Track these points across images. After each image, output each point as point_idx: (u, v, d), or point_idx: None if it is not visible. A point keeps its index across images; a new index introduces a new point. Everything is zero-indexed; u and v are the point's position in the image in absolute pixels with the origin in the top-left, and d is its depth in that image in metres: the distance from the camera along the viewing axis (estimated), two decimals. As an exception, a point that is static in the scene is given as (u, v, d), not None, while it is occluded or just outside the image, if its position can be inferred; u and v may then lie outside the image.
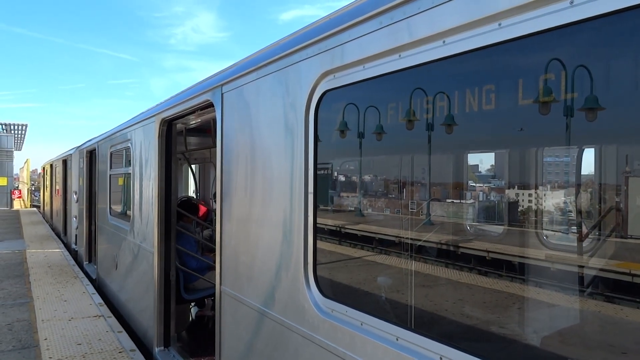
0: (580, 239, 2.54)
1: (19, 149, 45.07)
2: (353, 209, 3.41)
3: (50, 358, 5.68)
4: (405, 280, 2.91)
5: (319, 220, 2.89)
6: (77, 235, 13.63)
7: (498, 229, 3.10)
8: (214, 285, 4.24)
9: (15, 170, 42.52)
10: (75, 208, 13.54)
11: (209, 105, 4.46)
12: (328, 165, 3.10)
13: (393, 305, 2.82)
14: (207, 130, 7.47)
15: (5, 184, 35.43)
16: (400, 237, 3.12)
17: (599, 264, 2.51)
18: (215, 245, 4.12)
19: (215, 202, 4.82)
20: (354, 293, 3.09)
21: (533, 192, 2.72)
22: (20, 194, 39.83)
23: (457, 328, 2.61)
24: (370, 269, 3.39)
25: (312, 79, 2.82)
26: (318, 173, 2.86)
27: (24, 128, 38.97)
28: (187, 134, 7.82)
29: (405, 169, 3.04)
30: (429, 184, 2.93)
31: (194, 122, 6.36)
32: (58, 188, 19.35)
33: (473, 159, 2.99)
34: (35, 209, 33.41)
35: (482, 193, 3.09)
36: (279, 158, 3.16)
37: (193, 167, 10.37)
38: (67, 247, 15.38)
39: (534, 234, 2.82)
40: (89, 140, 11.84)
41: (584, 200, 2.54)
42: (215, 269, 4.11)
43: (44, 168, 27.85)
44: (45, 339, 6.33)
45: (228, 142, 3.96)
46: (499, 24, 1.85)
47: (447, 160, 3.01)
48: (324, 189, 3.03)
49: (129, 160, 7.16)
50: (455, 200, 3.16)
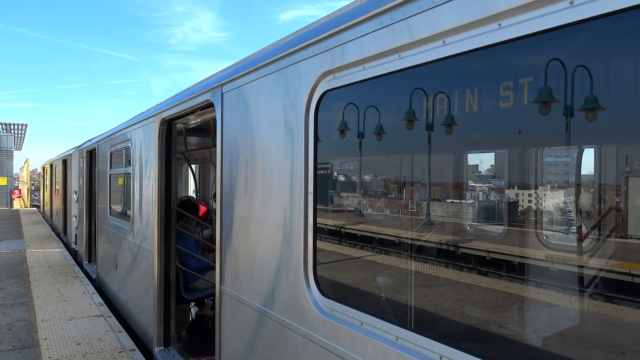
0: (580, 239, 2.54)
1: (19, 149, 45.08)
2: (353, 209, 3.41)
3: (50, 358, 5.68)
4: (405, 280, 2.91)
5: (319, 220, 2.89)
6: (77, 235, 13.64)
7: (498, 229, 3.10)
8: (214, 285, 4.24)
9: (15, 170, 42.51)
10: (75, 208, 13.54)
11: (209, 105, 4.46)
12: (328, 165, 3.10)
13: (393, 305, 2.82)
14: (207, 130, 7.48)
15: (5, 184, 35.42)
16: (400, 237, 3.11)
17: (599, 264, 2.51)
18: (215, 245, 4.12)
19: (215, 202, 4.82)
20: (354, 293, 3.09)
21: (533, 192, 2.72)
22: (20, 194, 39.82)
23: (457, 328, 2.61)
24: (370, 269, 3.39)
25: (312, 79, 2.82)
26: (318, 173, 2.86)
27: (24, 128, 38.97)
28: (187, 134, 7.82)
29: (405, 169, 3.04)
30: (429, 184, 2.93)
31: (194, 122, 6.36)
32: (58, 188, 19.35)
33: (473, 159, 2.99)
34: (35, 209, 33.42)
35: (482, 193, 3.09)
36: (279, 158, 3.16)
37: (193, 167, 10.37)
38: (67, 246, 15.39)
39: (534, 234, 2.81)
40: (89, 140, 11.84)
41: (584, 201, 2.54)
42: (215, 269, 4.11)
43: (44, 168, 27.85)
44: (45, 339, 6.33)
45: (228, 142, 3.96)
46: (499, 24, 1.85)
47: (447, 160, 3.00)
48: (324, 189, 3.03)
49: (129, 160, 7.16)
50: (455, 200, 3.15)
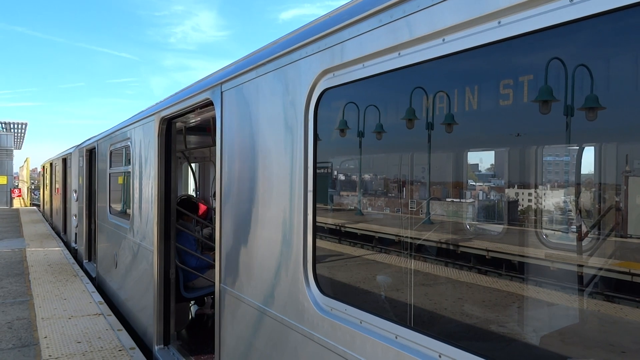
0: (580, 238, 2.54)
1: (19, 148, 45.08)
2: (353, 208, 3.40)
3: (50, 356, 5.69)
4: (405, 279, 2.91)
5: (319, 219, 2.88)
6: (76, 234, 13.64)
7: (498, 228, 3.10)
8: (214, 284, 4.24)
9: (15, 169, 42.53)
10: (75, 207, 13.55)
11: (209, 104, 4.45)
12: (328, 164, 3.10)
13: (392, 304, 2.82)
14: (206, 129, 7.47)
15: (5, 183, 35.42)
16: (400, 236, 3.11)
17: (599, 263, 2.51)
18: (215, 244, 4.12)
19: (215, 200, 4.82)
20: (354, 291, 3.08)
21: (533, 191, 2.72)
22: (20, 193, 39.83)
23: (456, 326, 2.61)
24: (370, 268, 3.39)
25: (311, 77, 2.81)
26: (318, 171, 2.86)
27: (24, 127, 38.96)
28: (186, 133, 7.82)
29: (405, 168, 3.04)
30: (429, 183, 2.92)
31: (194, 120, 6.35)
32: (58, 187, 19.36)
33: (473, 158, 2.98)
34: (35, 208, 33.45)
35: (481, 192, 3.09)
36: (279, 156, 3.15)
37: (193, 165, 10.37)
38: (66, 245, 15.39)
39: (534, 233, 2.81)
40: (89, 139, 11.84)
41: (584, 200, 2.53)
42: (215, 267, 4.11)
43: (44, 167, 27.85)
44: (45, 337, 6.33)
45: (228, 140, 3.96)
46: (499, 22, 1.84)
47: (446, 159, 3.00)
48: (324, 188, 3.02)
49: (129, 159, 7.15)
50: (455, 199, 3.15)
